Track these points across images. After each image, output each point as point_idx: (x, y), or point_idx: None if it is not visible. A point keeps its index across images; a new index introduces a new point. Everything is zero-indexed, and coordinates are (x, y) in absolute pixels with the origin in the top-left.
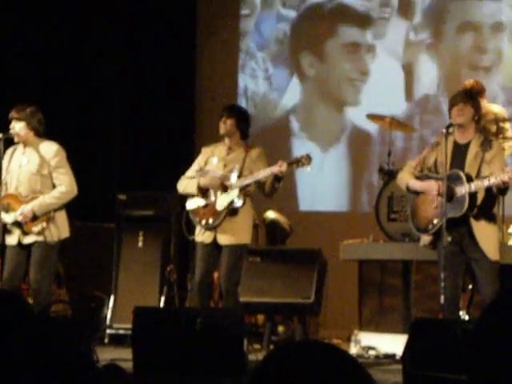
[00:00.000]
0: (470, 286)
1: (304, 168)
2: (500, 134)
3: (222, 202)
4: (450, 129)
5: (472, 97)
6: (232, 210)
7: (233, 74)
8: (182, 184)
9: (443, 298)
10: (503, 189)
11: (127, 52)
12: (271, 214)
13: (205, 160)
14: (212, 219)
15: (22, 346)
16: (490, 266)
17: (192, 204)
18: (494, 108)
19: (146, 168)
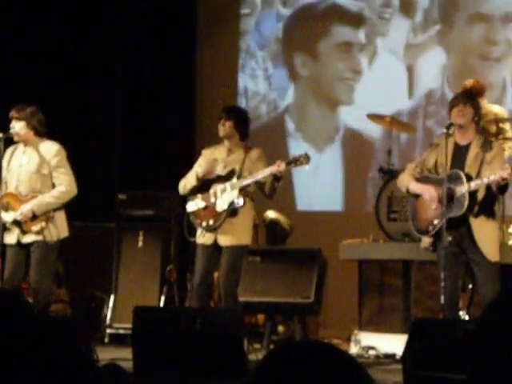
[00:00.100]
0: (470, 286)
1: (302, 167)
2: (500, 135)
3: (222, 203)
4: (451, 129)
5: (472, 97)
6: (232, 211)
7: (233, 74)
8: (182, 183)
9: (443, 298)
10: (503, 186)
11: (127, 52)
12: (271, 214)
13: (205, 162)
14: (212, 220)
15: (22, 346)
16: (490, 267)
17: (192, 206)
18: (494, 108)
19: (146, 168)
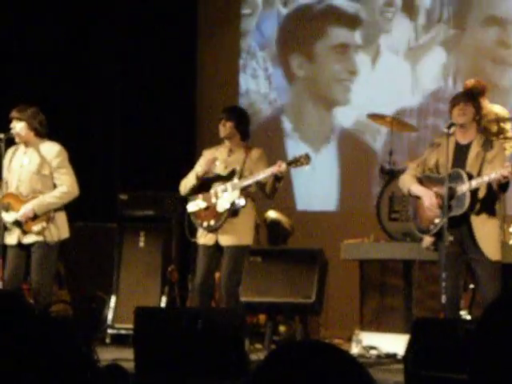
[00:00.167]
0: (472, 286)
1: (302, 167)
2: (501, 134)
3: (223, 204)
4: (451, 129)
5: (473, 97)
6: (233, 211)
7: (234, 74)
8: (183, 184)
9: (444, 298)
10: (504, 184)
11: (127, 52)
12: (272, 214)
13: (206, 162)
14: (213, 221)
15: (23, 347)
16: (491, 267)
17: (193, 206)
18: (495, 108)
19: (147, 168)
